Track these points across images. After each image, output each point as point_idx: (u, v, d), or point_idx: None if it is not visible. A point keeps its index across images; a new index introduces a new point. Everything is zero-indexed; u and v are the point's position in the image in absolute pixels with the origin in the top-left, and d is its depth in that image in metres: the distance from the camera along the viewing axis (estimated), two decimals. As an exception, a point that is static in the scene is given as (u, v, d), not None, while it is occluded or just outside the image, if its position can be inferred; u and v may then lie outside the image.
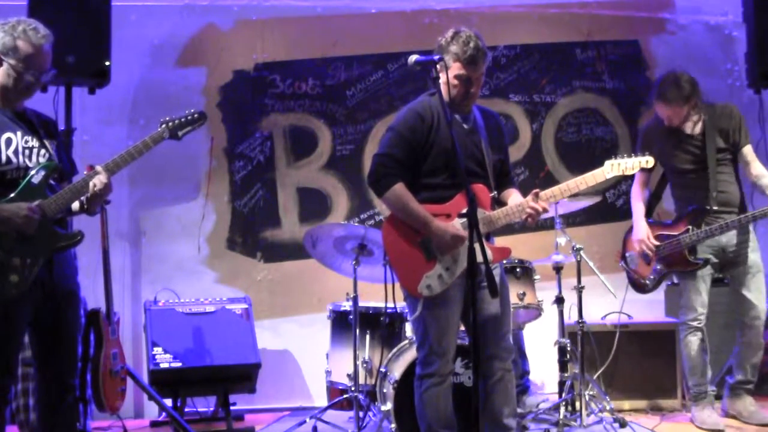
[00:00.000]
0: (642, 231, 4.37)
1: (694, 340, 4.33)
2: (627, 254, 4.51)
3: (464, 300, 3.29)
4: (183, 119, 3.19)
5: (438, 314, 3.27)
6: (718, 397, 4.54)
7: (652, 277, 4.40)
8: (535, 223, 3.37)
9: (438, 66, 3.16)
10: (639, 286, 4.49)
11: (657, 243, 4.31)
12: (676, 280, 4.86)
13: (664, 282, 4.46)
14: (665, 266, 4.34)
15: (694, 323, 4.32)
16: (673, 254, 4.29)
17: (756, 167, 4.26)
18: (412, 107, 3.36)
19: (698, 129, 4.30)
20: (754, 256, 4.25)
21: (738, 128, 4.26)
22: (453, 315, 3.30)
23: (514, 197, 3.40)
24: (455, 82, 3.25)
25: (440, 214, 3.26)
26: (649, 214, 4.47)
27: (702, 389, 4.34)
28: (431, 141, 3.28)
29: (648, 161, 3.48)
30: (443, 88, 3.23)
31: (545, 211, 3.26)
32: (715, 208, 4.20)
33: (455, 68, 3.24)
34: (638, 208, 4.44)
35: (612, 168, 3.41)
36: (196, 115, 3.22)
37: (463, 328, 3.47)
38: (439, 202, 3.28)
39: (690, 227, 4.23)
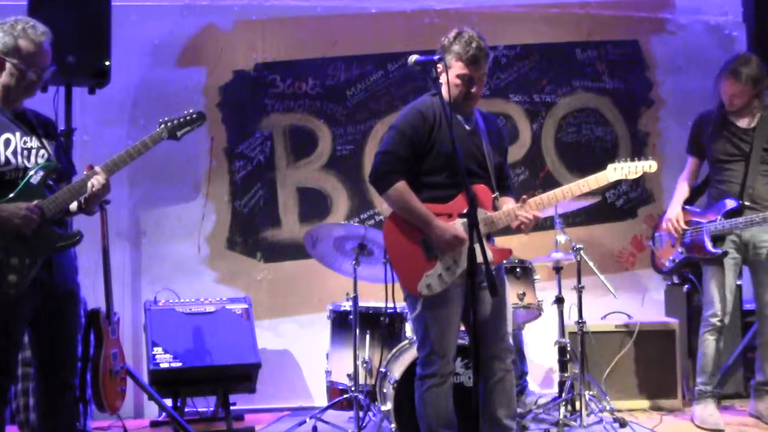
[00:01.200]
0: (673, 211, 4.43)
1: (710, 339, 4.32)
2: (656, 234, 4.62)
3: (465, 300, 3.29)
4: (182, 119, 3.19)
5: (438, 314, 3.26)
6: (722, 397, 4.53)
7: (671, 258, 4.45)
8: (527, 232, 3.35)
9: (439, 66, 3.17)
10: (658, 266, 4.60)
11: (685, 227, 4.35)
12: (677, 280, 4.87)
13: (682, 270, 4.55)
14: (686, 251, 4.38)
15: (713, 320, 4.30)
16: (695, 241, 4.32)
17: None
18: (414, 106, 3.37)
19: (752, 124, 4.30)
20: None
21: None
22: (453, 315, 3.30)
23: (508, 206, 3.40)
24: (457, 81, 3.26)
25: (442, 213, 3.26)
26: (690, 203, 4.49)
27: (707, 388, 4.35)
28: (432, 140, 3.28)
29: (651, 165, 3.46)
30: (444, 89, 3.24)
31: (536, 219, 3.26)
32: (747, 203, 4.21)
33: (457, 68, 3.25)
34: (680, 190, 4.51)
35: (615, 171, 3.42)
36: (194, 115, 3.22)
37: (463, 328, 3.47)
38: (441, 202, 3.29)
39: (719, 218, 4.24)
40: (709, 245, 4.24)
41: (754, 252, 4.27)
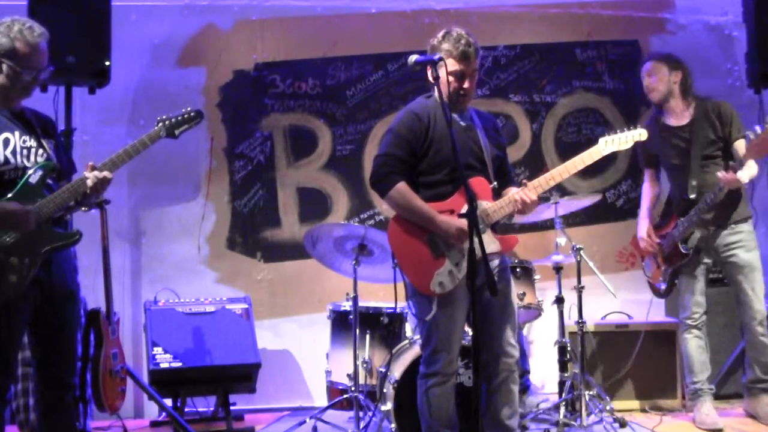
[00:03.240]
0: (642, 229, 4.44)
1: (689, 338, 4.37)
2: (643, 263, 4.59)
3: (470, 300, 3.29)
4: (180, 117, 3.20)
5: (446, 312, 3.27)
6: (718, 397, 4.54)
7: (660, 279, 4.46)
8: (524, 214, 3.38)
9: (439, 65, 3.18)
10: (655, 290, 4.56)
11: (659, 241, 4.37)
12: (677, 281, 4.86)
13: (675, 280, 4.47)
14: (669, 265, 4.39)
15: (688, 321, 4.36)
16: (671, 250, 4.34)
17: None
18: (409, 108, 3.42)
19: (685, 120, 4.32)
20: (748, 256, 4.25)
21: (729, 123, 4.24)
22: (460, 314, 3.30)
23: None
24: (450, 78, 3.29)
25: (443, 210, 3.28)
26: (667, 215, 4.46)
27: (697, 387, 4.36)
28: (429, 139, 3.31)
29: (641, 134, 3.50)
30: (443, 88, 3.26)
31: (534, 202, 3.28)
32: (692, 196, 4.21)
33: (449, 65, 3.27)
34: (643, 206, 4.53)
35: (607, 144, 3.48)
36: (192, 114, 3.23)
37: (467, 328, 3.48)
38: (441, 199, 3.31)
39: (679, 220, 4.29)
40: (681, 247, 4.28)
41: (723, 255, 4.29)
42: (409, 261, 3.32)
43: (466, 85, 3.32)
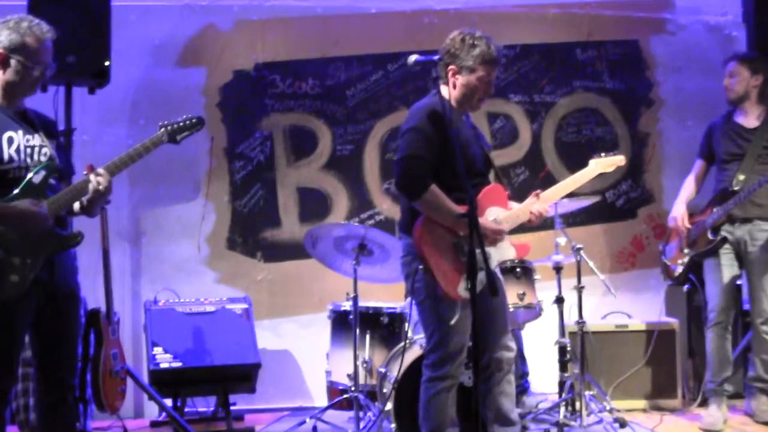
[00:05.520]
0: (678, 210, 4.52)
1: (711, 337, 4.38)
2: (666, 246, 4.67)
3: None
4: (181, 124, 3.20)
5: (465, 315, 3.24)
6: (731, 396, 4.54)
7: (679, 262, 4.51)
8: (535, 224, 3.45)
9: (452, 68, 3.22)
10: (669, 273, 4.63)
11: (689, 226, 4.45)
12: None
13: (689, 271, 4.53)
14: (692, 249, 4.45)
15: (710, 315, 4.38)
16: (698, 235, 4.40)
17: None
18: (428, 107, 3.26)
19: (755, 123, 4.36)
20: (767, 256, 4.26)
21: None
22: (469, 316, 3.29)
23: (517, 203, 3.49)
24: (478, 84, 3.26)
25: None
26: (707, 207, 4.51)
27: (711, 386, 4.38)
28: (448, 141, 3.16)
29: (621, 159, 3.76)
30: (454, 92, 3.27)
31: (546, 213, 3.40)
32: (735, 188, 4.25)
33: (480, 71, 3.25)
34: (684, 190, 4.60)
35: (597, 166, 3.70)
36: (194, 120, 3.23)
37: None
38: (463, 203, 3.23)
39: (715, 209, 4.33)
40: (710, 234, 4.33)
41: (746, 249, 4.30)
42: (440, 266, 3.20)
43: (491, 90, 3.31)
